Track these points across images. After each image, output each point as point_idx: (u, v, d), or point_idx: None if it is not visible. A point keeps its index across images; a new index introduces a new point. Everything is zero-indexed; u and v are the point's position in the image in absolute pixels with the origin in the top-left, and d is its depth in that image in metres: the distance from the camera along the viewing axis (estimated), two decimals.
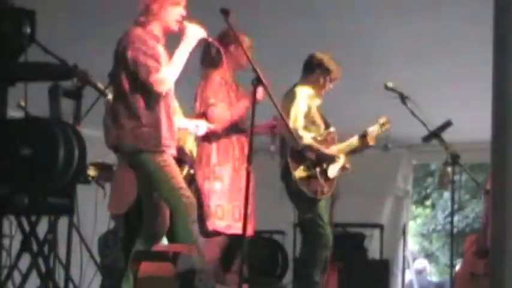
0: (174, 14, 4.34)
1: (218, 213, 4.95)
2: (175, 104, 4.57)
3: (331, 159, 5.56)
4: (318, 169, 5.50)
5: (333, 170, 5.58)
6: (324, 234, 5.44)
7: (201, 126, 4.88)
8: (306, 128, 5.50)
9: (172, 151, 4.30)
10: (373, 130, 5.76)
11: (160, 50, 4.29)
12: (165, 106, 4.29)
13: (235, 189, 4.94)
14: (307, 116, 5.53)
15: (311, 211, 5.48)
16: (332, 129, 5.68)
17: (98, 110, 4.97)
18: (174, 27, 4.35)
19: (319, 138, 5.57)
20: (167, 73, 4.22)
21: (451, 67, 6.47)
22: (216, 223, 4.94)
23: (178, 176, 4.27)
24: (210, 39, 4.42)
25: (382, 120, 5.79)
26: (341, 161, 5.63)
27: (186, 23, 4.34)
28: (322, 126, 5.66)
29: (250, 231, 4.99)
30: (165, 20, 4.33)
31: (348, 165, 5.69)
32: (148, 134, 4.20)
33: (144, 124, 4.19)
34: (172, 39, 4.38)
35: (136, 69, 4.18)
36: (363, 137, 5.70)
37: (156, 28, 4.32)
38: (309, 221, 5.51)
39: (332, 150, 5.61)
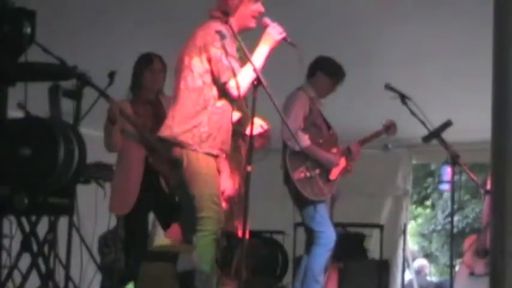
0: (253, 10, 4.22)
1: None
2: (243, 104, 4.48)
3: (331, 162, 5.57)
4: (317, 171, 5.51)
5: (333, 172, 5.59)
6: (325, 235, 5.45)
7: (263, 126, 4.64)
8: (307, 130, 5.51)
9: (223, 155, 4.24)
10: (372, 134, 5.80)
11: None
12: (231, 107, 4.22)
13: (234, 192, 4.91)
14: (308, 118, 5.54)
15: (311, 212, 5.48)
16: (334, 131, 5.69)
17: (98, 110, 4.97)
18: (252, 24, 4.23)
19: (320, 140, 5.58)
20: (246, 76, 4.08)
21: (450, 67, 6.47)
22: None
23: (214, 186, 4.13)
24: (290, 40, 4.20)
25: (387, 124, 5.82)
26: (342, 163, 5.64)
27: (268, 21, 4.18)
28: (324, 128, 5.67)
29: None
30: (243, 16, 4.19)
31: (350, 167, 5.70)
32: (207, 134, 4.11)
33: (206, 123, 4.10)
34: None
35: (217, 69, 4.07)
36: (349, 150, 5.73)
37: (234, 25, 4.16)
38: (309, 223, 5.52)
39: (333, 152, 5.62)
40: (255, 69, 4.12)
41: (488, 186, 4.55)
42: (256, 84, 4.17)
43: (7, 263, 4.23)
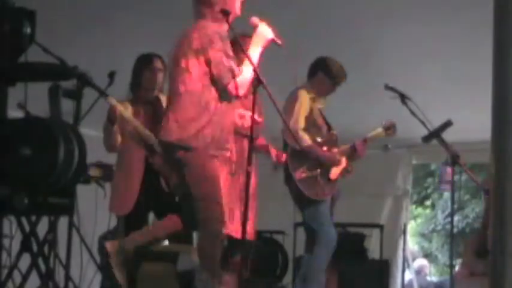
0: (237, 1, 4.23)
1: None
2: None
3: (332, 161, 5.56)
4: (318, 171, 5.51)
5: (334, 172, 5.59)
6: (327, 235, 5.45)
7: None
8: (307, 130, 5.51)
9: (228, 153, 4.25)
10: (373, 135, 5.78)
11: None
12: (231, 107, 4.23)
13: (229, 193, 4.88)
14: (309, 118, 5.54)
15: (312, 212, 5.48)
16: (334, 131, 5.69)
17: (98, 110, 4.97)
18: (239, 13, 4.22)
19: (320, 140, 5.58)
20: (246, 76, 4.10)
21: (450, 67, 6.47)
22: None
23: (219, 188, 4.11)
24: (279, 41, 4.21)
25: (386, 124, 5.80)
26: (343, 163, 5.64)
27: (258, 21, 4.20)
28: (325, 129, 5.67)
29: (251, 235, 4.96)
30: (234, 10, 4.20)
31: (350, 168, 5.70)
32: (212, 136, 4.10)
33: (209, 125, 4.09)
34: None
35: (218, 71, 4.07)
36: (353, 148, 5.71)
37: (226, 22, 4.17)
38: (310, 222, 5.52)
39: (333, 152, 5.62)
40: (255, 69, 4.11)
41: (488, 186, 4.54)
42: (257, 84, 4.17)
43: (7, 263, 4.23)
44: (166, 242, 5.21)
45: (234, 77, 4.09)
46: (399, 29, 5.97)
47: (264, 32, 4.19)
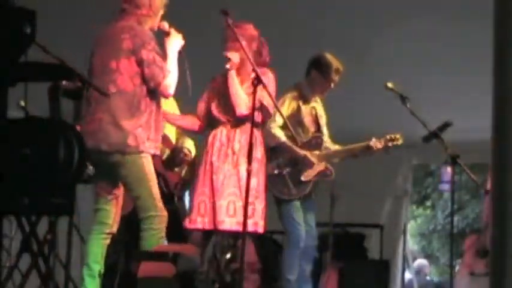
0: (161, 11, 4.32)
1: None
2: None
3: (305, 161, 5.45)
4: (288, 169, 5.43)
5: (307, 174, 5.48)
6: (294, 233, 5.40)
7: None
8: (289, 128, 5.37)
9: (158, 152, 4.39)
10: (374, 144, 5.64)
11: None
12: (160, 107, 4.32)
13: (202, 185, 4.87)
14: (294, 116, 5.40)
15: (281, 210, 5.44)
16: (321, 134, 5.59)
17: None
18: (159, 24, 4.33)
19: (304, 140, 5.46)
20: (174, 76, 4.23)
21: (451, 67, 6.47)
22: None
23: (155, 185, 4.38)
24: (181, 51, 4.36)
25: (391, 136, 5.64)
26: (319, 166, 5.50)
27: (168, 27, 4.32)
28: (312, 130, 5.57)
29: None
30: (157, 18, 4.29)
31: (329, 172, 5.56)
32: (144, 134, 4.20)
33: (140, 124, 4.18)
34: None
35: (151, 71, 4.14)
36: (349, 150, 5.62)
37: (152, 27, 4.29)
38: (280, 221, 5.48)
39: (313, 154, 5.51)
40: (254, 69, 4.14)
41: (488, 186, 4.53)
42: (256, 83, 4.18)
43: (7, 263, 4.23)
44: (165, 242, 5.20)
45: (165, 77, 4.15)
46: (399, 29, 5.97)
47: (179, 39, 4.30)
